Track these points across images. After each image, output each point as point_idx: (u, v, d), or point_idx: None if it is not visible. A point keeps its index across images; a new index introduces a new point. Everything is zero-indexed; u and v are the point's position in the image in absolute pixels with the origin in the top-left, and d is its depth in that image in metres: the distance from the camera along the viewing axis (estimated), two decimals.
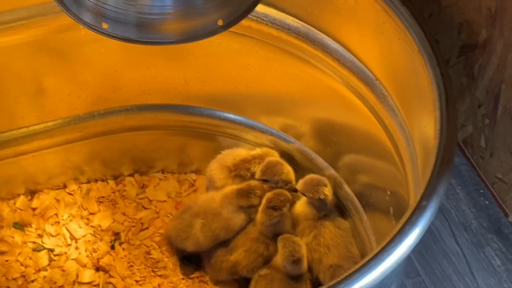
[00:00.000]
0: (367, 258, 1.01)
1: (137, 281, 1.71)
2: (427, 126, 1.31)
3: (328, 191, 1.62)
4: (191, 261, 1.76)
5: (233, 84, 1.74)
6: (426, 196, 1.11)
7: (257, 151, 1.75)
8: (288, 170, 1.66)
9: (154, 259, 1.73)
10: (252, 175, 1.70)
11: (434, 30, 1.71)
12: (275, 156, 1.73)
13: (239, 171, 1.72)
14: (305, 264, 1.55)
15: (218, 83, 1.75)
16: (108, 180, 1.90)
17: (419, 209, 1.08)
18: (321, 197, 1.60)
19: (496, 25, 1.60)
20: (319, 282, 1.60)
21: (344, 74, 1.57)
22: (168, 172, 1.94)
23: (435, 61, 1.31)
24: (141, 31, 1.17)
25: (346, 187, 1.72)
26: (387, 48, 1.45)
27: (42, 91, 1.68)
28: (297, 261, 1.51)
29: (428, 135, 1.30)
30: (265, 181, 1.63)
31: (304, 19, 1.60)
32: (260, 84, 1.74)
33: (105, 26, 1.14)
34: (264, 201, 1.58)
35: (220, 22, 1.22)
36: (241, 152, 1.76)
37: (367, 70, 1.52)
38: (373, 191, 1.65)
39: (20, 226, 1.79)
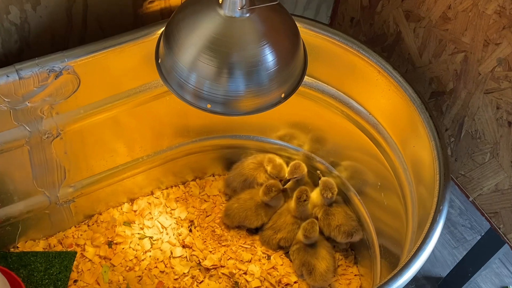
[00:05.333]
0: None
1: (210, 251, 2.26)
2: (415, 146, 1.85)
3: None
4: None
5: (267, 118, 2.24)
6: (441, 200, 1.61)
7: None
8: (304, 167, 2.30)
9: (218, 234, 2.31)
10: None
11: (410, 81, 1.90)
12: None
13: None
14: (315, 237, 2.19)
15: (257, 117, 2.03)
16: (179, 185, 2.45)
17: (438, 212, 1.60)
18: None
19: (461, 81, 1.91)
20: (332, 240, 2.24)
21: (349, 114, 2.12)
22: (216, 175, 2.53)
23: (423, 106, 1.81)
24: (225, 107, 1.52)
25: (347, 183, 2.33)
26: (380, 95, 1.96)
27: (135, 138, 2.17)
28: (308, 238, 2.17)
29: (417, 152, 1.83)
30: (294, 178, 2.28)
31: (322, 80, 2.13)
32: (289, 117, 2.31)
33: (208, 106, 1.51)
34: (294, 196, 2.23)
35: (282, 95, 1.56)
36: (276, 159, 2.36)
37: (364, 110, 2.06)
38: (366, 183, 2.23)
39: (127, 223, 2.31)
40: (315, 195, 2.30)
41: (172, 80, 1.56)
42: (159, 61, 1.61)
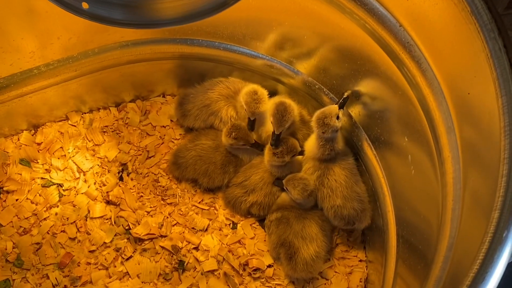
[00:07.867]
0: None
1: (148, 212, 1.96)
2: (471, 93, 1.49)
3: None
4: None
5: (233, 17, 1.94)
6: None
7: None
8: (293, 107, 1.84)
9: (163, 186, 2.00)
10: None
11: None
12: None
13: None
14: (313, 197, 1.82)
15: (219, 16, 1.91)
16: (110, 108, 2.12)
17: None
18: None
19: None
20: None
21: (366, 20, 1.72)
22: (168, 95, 2.19)
23: (493, 26, 1.40)
24: (129, 12, 1.19)
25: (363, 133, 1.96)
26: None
27: (32, 35, 1.86)
28: (310, 193, 1.77)
29: (473, 103, 1.48)
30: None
31: None
32: (263, 18, 1.91)
33: (85, 6, 1.16)
34: (268, 145, 1.81)
35: None
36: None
37: (391, 17, 1.68)
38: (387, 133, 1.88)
39: (26, 162, 2.02)
40: (311, 143, 1.88)
41: None
42: None
